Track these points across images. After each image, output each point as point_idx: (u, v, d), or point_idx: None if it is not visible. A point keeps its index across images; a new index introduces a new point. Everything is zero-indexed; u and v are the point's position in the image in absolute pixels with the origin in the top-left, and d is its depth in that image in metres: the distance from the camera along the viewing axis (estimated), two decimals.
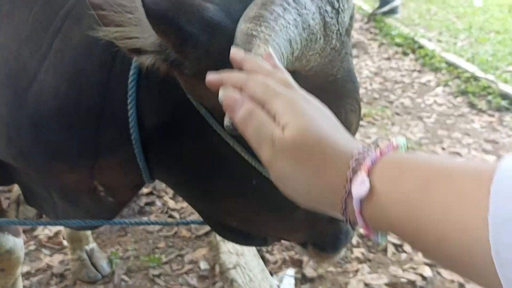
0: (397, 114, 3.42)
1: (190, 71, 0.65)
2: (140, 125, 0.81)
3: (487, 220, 0.35)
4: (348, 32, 0.76)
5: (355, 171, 0.46)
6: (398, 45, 4.82)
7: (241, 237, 1.06)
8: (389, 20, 5.50)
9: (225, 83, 0.54)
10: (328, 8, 0.67)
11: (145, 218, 2.27)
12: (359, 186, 0.44)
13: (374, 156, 0.46)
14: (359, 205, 0.45)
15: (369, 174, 0.45)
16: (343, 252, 1.13)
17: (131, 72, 0.77)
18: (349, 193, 0.46)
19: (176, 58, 0.64)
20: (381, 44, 4.93)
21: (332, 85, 0.76)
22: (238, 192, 0.89)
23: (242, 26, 0.61)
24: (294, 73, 0.67)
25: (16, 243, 1.42)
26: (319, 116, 0.49)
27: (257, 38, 0.58)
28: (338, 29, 0.70)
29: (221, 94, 0.53)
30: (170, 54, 0.64)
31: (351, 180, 0.45)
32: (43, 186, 1.12)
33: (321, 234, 1.05)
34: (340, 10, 0.68)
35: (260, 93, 0.50)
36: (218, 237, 2.10)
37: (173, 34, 0.61)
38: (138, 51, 0.65)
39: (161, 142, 0.84)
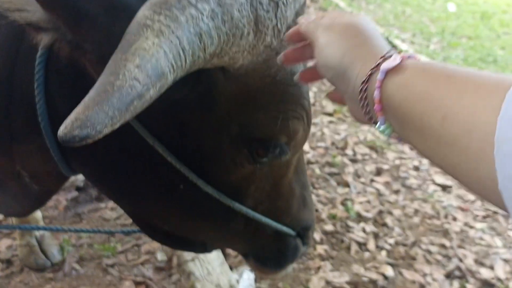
0: None
1: (93, 56, 0.56)
2: (52, 112, 0.71)
3: (497, 118, 0.37)
4: None
5: (390, 55, 0.52)
6: None
7: (175, 241, 0.97)
8: None
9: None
10: (264, 0, 0.57)
11: (102, 205, 2.16)
12: (390, 62, 0.50)
13: (407, 55, 0.51)
14: (383, 76, 0.49)
15: (402, 60, 0.50)
16: (289, 268, 1.06)
17: (38, 53, 0.65)
18: (378, 65, 0.51)
19: (73, 39, 0.55)
20: None
21: (270, 87, 0.68)
22: (162, 196, 0.81)
23: (140, 13, 0.50)
24: (223, 70, 0.61)
25: None
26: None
27: (150, 28, 0.48)
28: (276, 25, 0.60)
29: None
30: (66, 34, 0.54)
31: (384, 57, 0.51)
32: None
33: (263, 248, 0.98)
34: (280, 3, 0.59)
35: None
36: None
37: (61, 9, 0.51)
38: (36, 27, 0.55)
39: None
